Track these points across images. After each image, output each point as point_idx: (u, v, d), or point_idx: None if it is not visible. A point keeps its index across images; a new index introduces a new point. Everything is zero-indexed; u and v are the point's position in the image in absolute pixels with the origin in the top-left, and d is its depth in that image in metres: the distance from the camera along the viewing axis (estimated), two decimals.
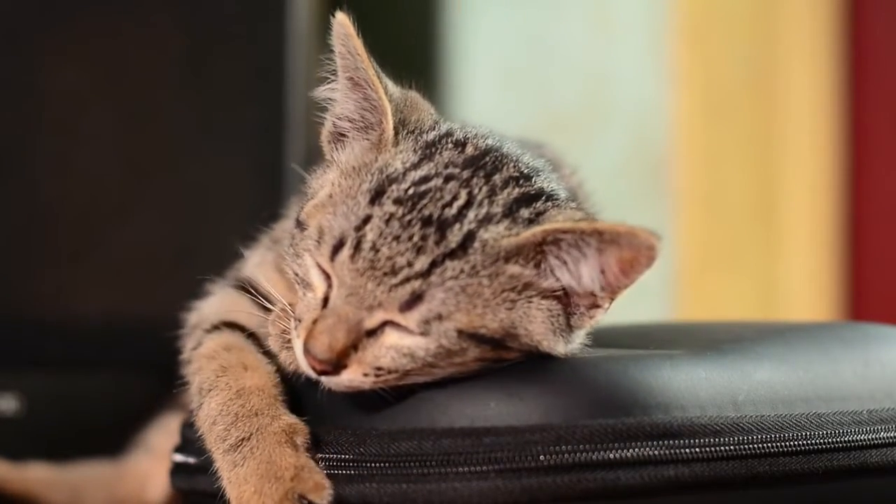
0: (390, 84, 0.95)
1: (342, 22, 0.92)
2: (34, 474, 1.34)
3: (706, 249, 2.19)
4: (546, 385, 0.88)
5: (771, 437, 0.89)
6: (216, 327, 1.00)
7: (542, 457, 0.85)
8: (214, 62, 1.61)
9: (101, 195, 1.59)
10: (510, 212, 0.89)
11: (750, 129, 2.23)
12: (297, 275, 0.92)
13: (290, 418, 0.91)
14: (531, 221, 0.89)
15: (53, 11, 1.57)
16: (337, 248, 0.88)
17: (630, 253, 0.86)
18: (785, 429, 0.90)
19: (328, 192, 0.92)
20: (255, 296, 0.98)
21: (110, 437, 1.36)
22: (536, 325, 0.88)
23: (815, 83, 2.29)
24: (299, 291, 0.92)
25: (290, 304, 0.93)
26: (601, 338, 0.99)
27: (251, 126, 1.60)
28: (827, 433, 0.92)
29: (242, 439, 0.90)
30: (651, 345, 0.97)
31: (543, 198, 0.91)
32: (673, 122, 2.16)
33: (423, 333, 0.86)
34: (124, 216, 1.59)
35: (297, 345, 0.89)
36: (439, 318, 0.86)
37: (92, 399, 1.55)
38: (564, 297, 0.89)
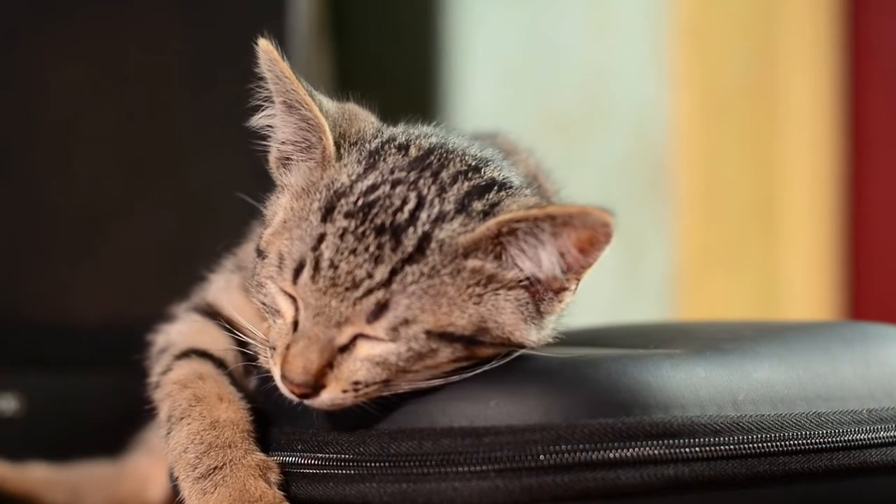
0: (325, 100, 0.95)
1: (265, 48, 0.93)
2: (34, 474, 1.34)
3: (706, 250, 2.19)
4: (546, 385, 0.88)
5: (771, 436, 0.89)
6: (185, 354, 1.00)
7: (542, 456, 0.85)
8: (215, 62, 1.61)
9: (102, 195, 1.59)
10: (463, 207, 0.89)
11: (750, 129, 2.22)
12: (264, 304, 0.92)
13: (263, 455, 0.91)
14: (486, 214, 0.88)
15: (54, 11, 1.57)
16: (297, 270, 0.88)
17: (586, 233, 0.86)
18: (785, 428, 0.90)
19: (282, 218, 0.92)
20: (223, 322, 0.99)
21: (110, 437, 1.36)
22: (506, 317, 0.88)
23: (815, 83, 2.29)
24: (269, 319, 0.92)
25: (262, 329, 0.93)
26: (601, 338, 0.99)
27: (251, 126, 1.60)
28: (827, 432, 0.92)
29: (214, 468, 0.90)
30: (651, 345, 0.97)
31: (496, 188, 0.91)
32: (673, 122, 2.16)
33: (393, 339, 0.86)
34: (124, 216, 1.59)
35: (276, 372, 0.89)
36: (406, 322, 0.86)
37: (92, 399, 1.55)
38: (531, 286, 0.89)
